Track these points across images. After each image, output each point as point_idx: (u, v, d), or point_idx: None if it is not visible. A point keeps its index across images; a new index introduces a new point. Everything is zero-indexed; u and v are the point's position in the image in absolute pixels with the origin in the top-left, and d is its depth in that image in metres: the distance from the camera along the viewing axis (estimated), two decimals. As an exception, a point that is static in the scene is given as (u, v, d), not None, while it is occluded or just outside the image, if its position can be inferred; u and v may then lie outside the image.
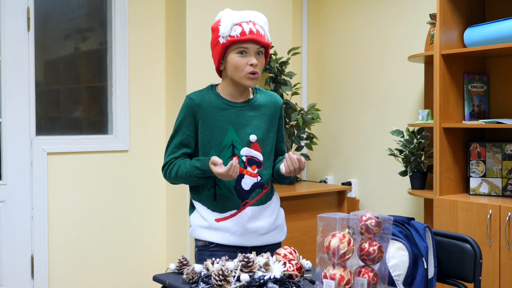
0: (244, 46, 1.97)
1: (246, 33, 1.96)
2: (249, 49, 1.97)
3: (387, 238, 1.67)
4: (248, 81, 2.00)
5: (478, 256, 1.95)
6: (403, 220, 2.03)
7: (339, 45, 3.98)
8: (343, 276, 1.58)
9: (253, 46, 1.98)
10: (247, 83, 2.00)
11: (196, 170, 1.97)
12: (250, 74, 1.98)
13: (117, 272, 3.64)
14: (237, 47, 1.97)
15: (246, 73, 1.98)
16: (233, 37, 1.96)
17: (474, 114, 3.01)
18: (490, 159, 2.89)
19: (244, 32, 1.96)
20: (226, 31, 1.96)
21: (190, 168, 1.98)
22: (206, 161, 1.95)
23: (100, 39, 3.69)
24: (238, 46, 1.97)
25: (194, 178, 1.99)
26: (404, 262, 1.95)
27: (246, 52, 1.98)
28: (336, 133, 4.01)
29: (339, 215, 1.63)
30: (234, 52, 1.98)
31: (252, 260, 1.69)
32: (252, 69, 1.98)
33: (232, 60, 1.99)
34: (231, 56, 1.99)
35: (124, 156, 3.66)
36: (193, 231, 2.10)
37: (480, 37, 2.83)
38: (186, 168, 2.00)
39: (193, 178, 1.99)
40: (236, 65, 1.98)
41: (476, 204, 2.70)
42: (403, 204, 3.58)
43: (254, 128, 2.06)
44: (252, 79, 1.99)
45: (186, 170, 1.99)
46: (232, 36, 1.96)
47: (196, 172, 1.97)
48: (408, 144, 3.22)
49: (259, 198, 2.06)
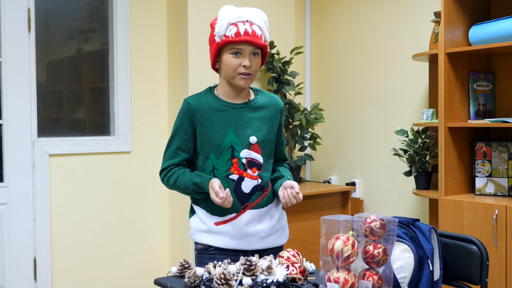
0: (238, 47, 1.95)
1: (240, 34, 1.93)
2: (243, 50, 1.95)
3: (392, 240, 1.64)
4: (240, 82, 1.98)
5: (485, 258, 1.91)
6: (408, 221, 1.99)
7: (343, 44, 3.96)
8: (347, 279, 1.55)
9: (248, 47, 1.95)
10: (240, 83, 1.98)
11: (194, 185, 1.97)
12: (242, 75, 1.97)
13: (119, 275, 3.63)
14: (231, 47, 1.95)
15: (238, 74, 1.97)
16: (227, 37, 1.94)
17: (480, 113, 2.98)
18: (496, 158, 2.86)
19: (239, 33, 1.93)
20: (221, 30, 1.94)
21: (189, 181, 1.98)
22: (206, 181, 1.95)
23: (102, 40, 3.68)
24: (232, 47, 1.95)
25: (191, 192, 2.00)
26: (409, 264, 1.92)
27: (240, 53, 1.96)
28: (339, 133, 3.99)
29: (342, 217, 1.60)
30: (228, 52, 1.96)
31: (254, 263, 1.67)
32: (245, 70, 1.96)
33: (226, 60, 1.97)
34: (225, 56, 1.97)
35: (127, 158, 3.65)
36: (193, 235, 2.08)
37: (486, 35, 2.80)
38: (185, 180, 1.99)
39: (189, 191, 2.00)
40: (229, 65, 1.97)
41: (482, 205, 2.67)
42: (407, 204, 3.55)
43: (254, 130, 2.03)
44: (244, 79, 1.97)
45: (185, 182, 1.99)
46: (226, 36, 1.94)
47: (193, 187, 1.97)
48: (412, 144, 3.20)
49: (259, 201, 2.03)
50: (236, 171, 1.99)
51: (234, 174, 1.99)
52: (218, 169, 1.98)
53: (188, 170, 2.03)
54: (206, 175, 1.98)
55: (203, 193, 1.98)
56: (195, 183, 1.97)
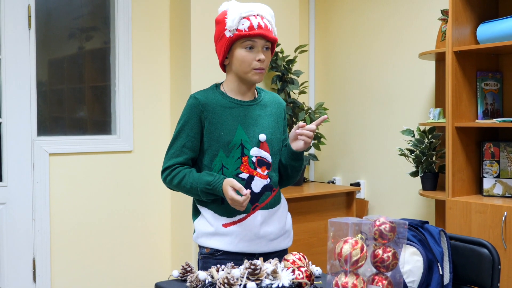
0: (252, 40, 1.91)
1: (254, 28, 1.90)
2: (257, 43, 1.92)
3: (401, 243, 1.60)
4: (254, 76, 1.95)
5: (497, 262, 1.87)
6: (417, 223, 1.95)
7: (347, 42, 3.93)
8: (356, 284, 1.51)
9: (261, 41, 1.93)
10: (254, 78, 1.95)
11: (205, 185, 1.88)
12: (257, 70, 1.93)
13: (119, 277, 3.61)
14: (245, 41, 1.92)
15: (252, 69, 1.93)
16: (240, 31, 1.90)
17: (488, 112, 2.94)
18: (504, 159, 2.82)
19: (253, 26, 1.90)
20: (234, 24, 1.90)
21: (199, 181, 1.89)
22: (219, 180, 1.86)
23: (104, 38, 3.68)
24: (245, 40, 1.91)
25: (199, 192, 1.91)
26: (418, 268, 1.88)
27: (254, 47, 1.92)
28: (344, 133, 3.95)
29: (351, 220, 1.56)
30: (241, 46, 1.92)
31: (259, 267, 1.63)
32: (260, 64, 1.93)
33: (239, 54, 1.93)
34: (238, 50, 1.93)
35: (128, 157, 3.63)
36: (198, 238, 2.00)
37: (493, 33, 2.77)
38: (193, 180, 1.90)
39: (197, 192, 1.91)
40: (243, 60, 1.93)
41: (490, 206, 2.63)
42: (413, 205, 3.52)
43: (263, 128, 1.99)
44: (258, 74, 1.94)
45: (192, 181, 1.90)
46: (239, 30, 1.90)
47: (203, 187, 1.88)
48: (419, 144, 3.16)
49: (268, 202, 1.98)
50: (246, 170, 1.94)
51: (244, 172, 1.94)
52: (228, 167, 1.92)
53: (194, 169, 1.96)
54: (218, 174, 1.90)
55: (212, 194, 1.91)
56: (207, 182, 1.88)
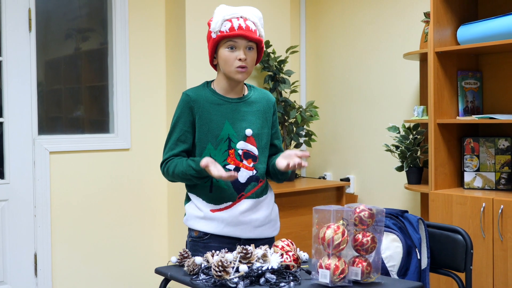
0: (233, 41, 2.04)
1: (234, 29, 2.03)
2: (238, 43, 2.05)
3: (380, 229, 1.72)
4: (237, 75, 2.07)
5: (469, 247, 2.00)
6: (397, 212, 2.08)
7: (337, 43, 4.02)
8: (338, 265, 1.63)
9: (242, 41, 2.05)
10: (237, 76, 2.07)
11: (191, 169, 2.02)
12: (239, 68, 2.05)
13: (119, 269, 3.67)
14: (226, 41, 2.05)
15: (235, 67, 2.05)
16: (222, 32, 2.04)
17: (468, 110, 3.05)
18: (483, 153, 2.94)
19: (233, 27, 2.03)
20: (217, 26, 2.05)
21: (187, 167, 2.04)
22: (199, 160, 2.01)
23: (101, 39, 3.72)
24: (227, 41, 2.05)
25: (190, 177, 2.04)
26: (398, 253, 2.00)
27: (235, 47, 2.05)
28: (334, 130, 4.05)
29: (333, 207, 1.68)
30: (224, 46, 2.06)
31: (250, 252, 1.75)
32: (241, 63, 2.05)
33: (222, 54, 2.07)
34: (221, 50, 2.07)
35: (126, 155, 3.69)
36: (188, 220, 2.14)
37: (473, 35, 2.87)
38: (183, 167, 2.05)
39: (189, 177, 2.05)
40: (226, 59, 2.06)
41: (470, 198, 2.75)
42: (400, 198, 3.63)
43: (249, 123, 2.12)
44: (241, 72, 2.06)
45: (183, 169, 2.04)
46: (221, 31, 2.04)
47: (191, 171, 2.02)
48: (404, 140, 3.26)
49: (254, 192, 2.11)
50: (233, 162, 2.08)
51: (230, 164, 2.07)
52: (215, 159, 2.05)
53: (185, 158, 2.10)
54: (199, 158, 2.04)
55: (201, 177, 2.04)
56: (191, 167, 2.01)
